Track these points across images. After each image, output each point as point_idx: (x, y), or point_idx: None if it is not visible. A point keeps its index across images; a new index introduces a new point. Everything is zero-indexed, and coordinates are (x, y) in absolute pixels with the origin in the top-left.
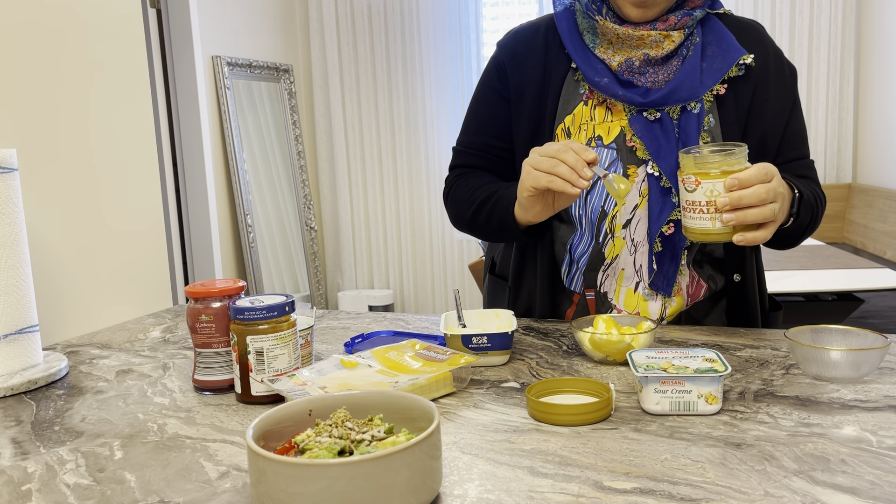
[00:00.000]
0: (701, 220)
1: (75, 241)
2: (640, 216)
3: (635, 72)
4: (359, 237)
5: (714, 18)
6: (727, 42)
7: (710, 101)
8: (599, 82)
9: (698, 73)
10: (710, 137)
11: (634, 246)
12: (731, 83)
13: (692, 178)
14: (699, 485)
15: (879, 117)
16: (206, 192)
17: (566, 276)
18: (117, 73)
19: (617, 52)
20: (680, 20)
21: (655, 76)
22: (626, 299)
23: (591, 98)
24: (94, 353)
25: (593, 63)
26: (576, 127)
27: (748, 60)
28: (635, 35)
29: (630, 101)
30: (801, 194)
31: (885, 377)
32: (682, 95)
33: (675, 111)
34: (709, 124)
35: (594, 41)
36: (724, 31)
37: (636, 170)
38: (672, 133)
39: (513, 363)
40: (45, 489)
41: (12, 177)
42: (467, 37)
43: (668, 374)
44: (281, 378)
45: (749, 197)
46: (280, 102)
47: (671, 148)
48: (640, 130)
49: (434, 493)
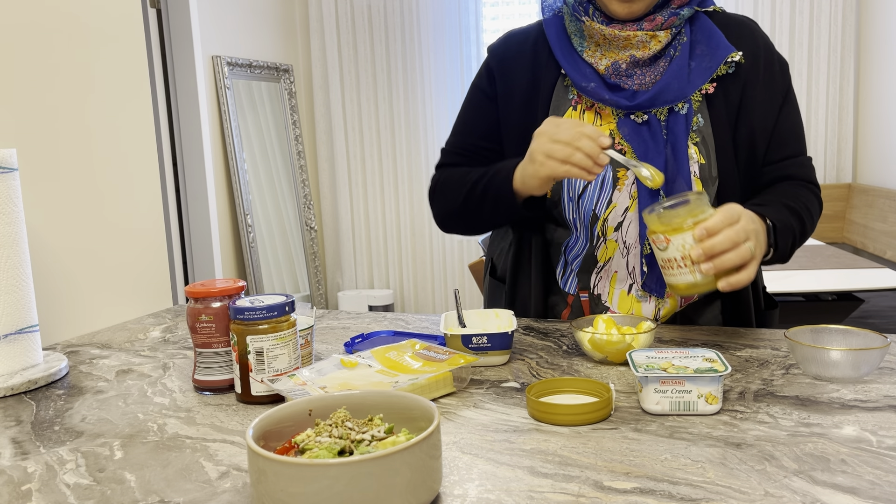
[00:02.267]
0: (682, 276)
1: (75, 241)
2: (632, 218)
3: (622, 74)
4: (359, 237)
5: (703, 17)
6: (716, 40)
7: (698, 100)
8: (587, 87)
9: (686, 73)
10: (699, 137)
11: (627, 248)
12: (721, 81)
13: (661, 237)
14: (699, 485)
15: (879, 117)
16: (206, 192)
17: (561, 277)
18: (117, 74)
19: (604, 56)
20: (667, 20)
21: (642, 78)
22: (620, 301)
23: (580, 103)
24: (94, 353)
25: (581, 68)
26: None
27: (737, 58)
28: (622, 35)
29: (617, 104)
30: (773, 223)
31: (885, 377)
32: (669, 97)
33: (662, 113)
34: (698, 124)
35: (582, 44)
36: (713, 29)
37: (625, 173)
38: (660, 135)
39: (513, 363)
40: (45, 489)
41: (12, 177)
42: (467, 37)
43: (668, 374)
44: (281, 378)
45: (721, 243)
46: (280, 102)
47: (659, 150)
48: (627, 134)
49: (434, 493)
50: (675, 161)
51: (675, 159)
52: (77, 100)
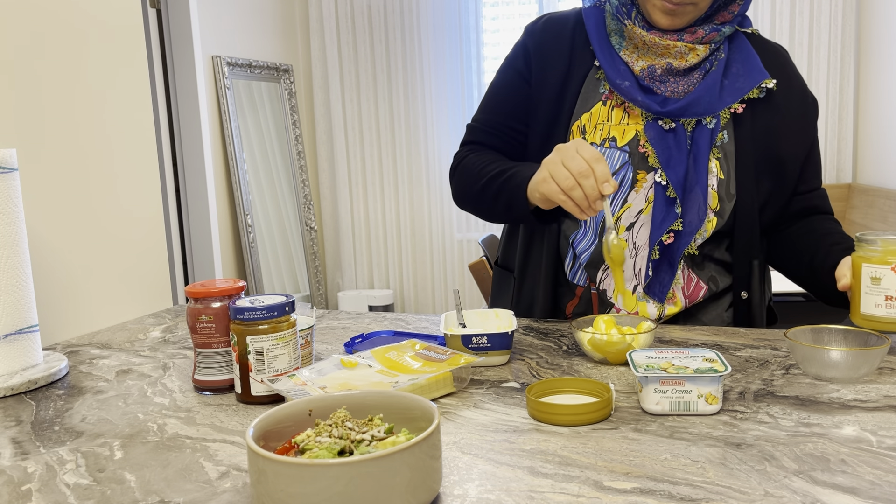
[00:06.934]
0: None
1: (75, 241)
2: (644, 221)
3: (656, 79)
4: (359, 237)
5: (742, 37)
6: (752, 63)
7: (726, 117)
8: (620, 85)
9: (718, 89)
10: (721, 153)
11: (636, 249)
12: (751, 104)
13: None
14: (699, 485)
15: (879, 117)
16: (206, 192)
17: (569, 269)
18: (117, 74)
19: (641, 58)
20: (707, 34)
21: (675, 86)
22: (625, 299)
23: (609, 99)
24: (94, 353)
25: (617, 64)
26: (591, 126)
27: (770, 85)
28: (661, 44)
29: (648, 108)
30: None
31: (885, 377)
32: (699, 110)
33: (689, 123)
34: (722, 140)
35: (620, 43)
36: (750, 50)
37: (645, 175)
38: (684, 144)
39: (513, 363)
40: (45, 489)
41: (12, 177)
42: (467, 37)
43: (668, 374)
44: (281, 378)
45: None
46: (280, 102)
47: (681, 159)
48: (653, 138)
49: (434, 493)
50: (696, 172)
51: (696, 170)
52: (77, 100)
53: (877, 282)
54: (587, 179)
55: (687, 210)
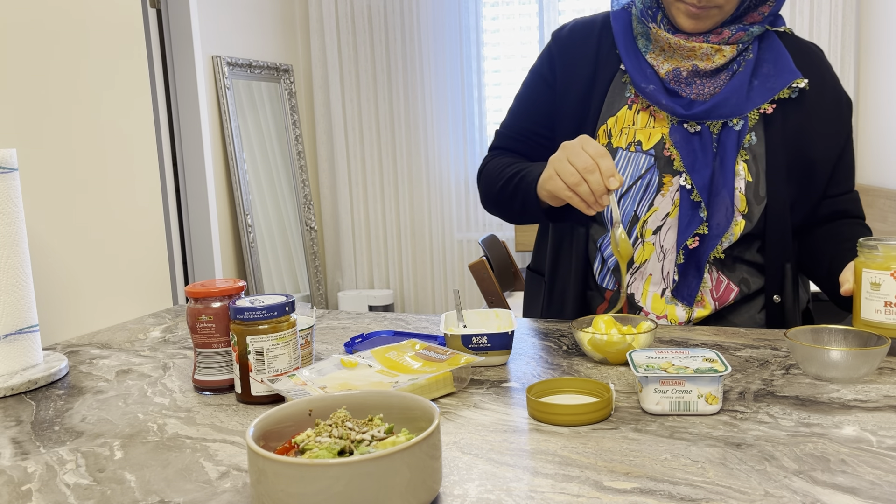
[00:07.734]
0: None
1: (75, 241)
2: (671, 224)
3: (682, 82)
4: (359, 237)
5: (773, 36)
6: (783, 62)
7: (755, 119)
8: (646, 88)
9: (745, 90)
10: (749, 156)
11: (663, 253)
12: (781, 104)
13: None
14: (699, 485)
15: (879, 117)
16: (206, 192)
17: (598, 273)
18: (117, 74)
19: (667, 60)
20: (734, 35)
21: (701, 88)
22: (654, 303)
23: (635, 102)
24: (94, 353)
25: (643, 68)
26: (617, 130)
27: (802, 84)
28: (687, 46)
29: (672, 111)
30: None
31: (885, 377)
32: (725, 111)
33: (715, 126)
34: (750, 142)
35: (647, 46)
36: (781, 50)
37: (671, 179)
38: (710, 147)
39: (513, 363)
40: (45, 489)
41: (12, 177)
42: (467, 37)
43: (668, 374)
44: (281, 378)
45: None
46: (280, 102)
47: (707, 162)
48: (678, 141)
49: (434, 493)
50: (722, 175)
51: (722, 174)
52: (77, 100)
53: (876, 287)
54: (592, 175)
55: (713, 213)
